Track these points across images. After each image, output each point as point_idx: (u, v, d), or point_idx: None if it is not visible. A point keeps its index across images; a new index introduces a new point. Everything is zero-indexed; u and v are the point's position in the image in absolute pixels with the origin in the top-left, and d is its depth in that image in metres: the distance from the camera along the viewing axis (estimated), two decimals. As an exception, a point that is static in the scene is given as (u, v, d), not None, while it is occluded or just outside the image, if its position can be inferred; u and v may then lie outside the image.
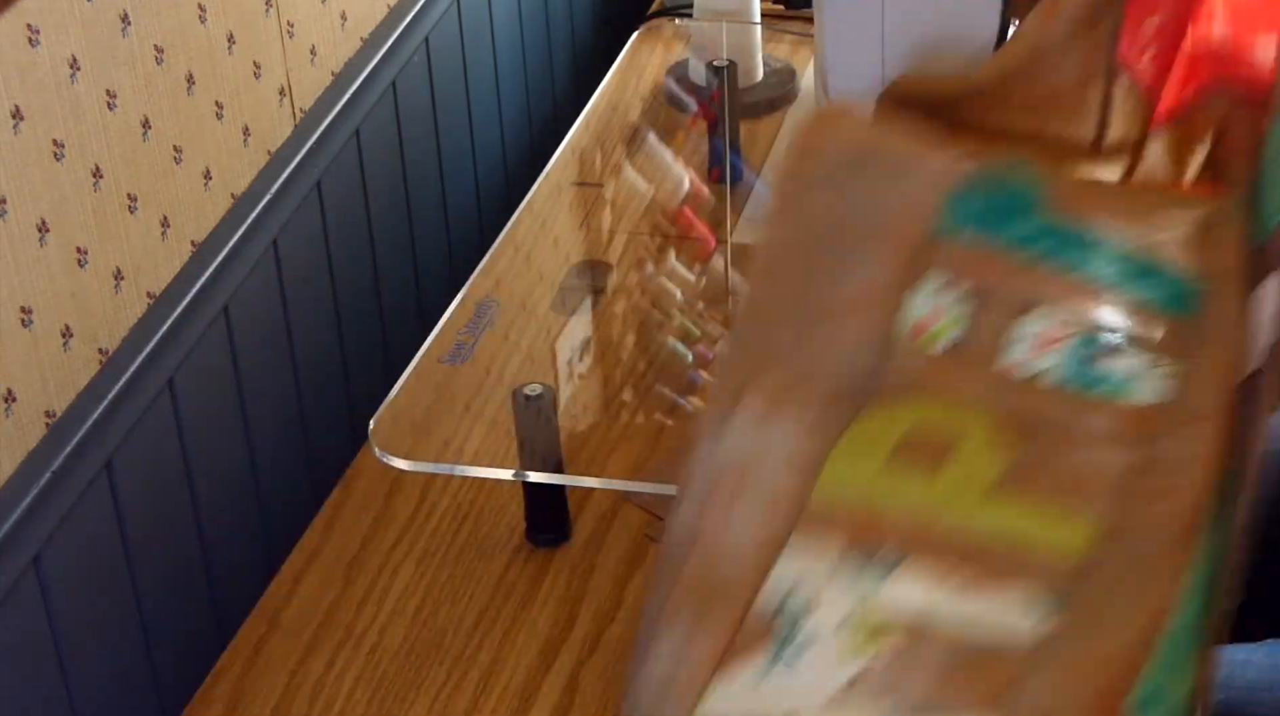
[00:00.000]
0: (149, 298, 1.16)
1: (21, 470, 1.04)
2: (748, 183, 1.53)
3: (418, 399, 1.29)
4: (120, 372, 1.12)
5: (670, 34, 1.81)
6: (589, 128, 1.65)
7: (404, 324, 1.53)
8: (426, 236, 1.58)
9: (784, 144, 1.60)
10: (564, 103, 1.86)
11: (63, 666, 1.08)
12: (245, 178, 1.27)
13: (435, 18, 1.54)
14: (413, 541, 1.26)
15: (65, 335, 1.07)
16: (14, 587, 1.02)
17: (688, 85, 1.66)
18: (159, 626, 1.18)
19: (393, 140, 1.49)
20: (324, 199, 1.37)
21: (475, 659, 1.17)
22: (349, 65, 1.41)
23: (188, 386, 1.19)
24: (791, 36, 1.79)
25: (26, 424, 1.04)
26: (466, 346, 1.35)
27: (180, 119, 1.18)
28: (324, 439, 1.39)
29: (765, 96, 1.66)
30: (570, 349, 1.40)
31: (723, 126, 1.50)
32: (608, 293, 1.46)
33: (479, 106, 1.67)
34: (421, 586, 1.22)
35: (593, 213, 1.55)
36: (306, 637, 1.19)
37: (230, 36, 1.23)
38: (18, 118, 1.00)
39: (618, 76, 1.74)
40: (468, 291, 1.39)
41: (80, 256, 1.08)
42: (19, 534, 1.02)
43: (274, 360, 1.33)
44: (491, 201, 1.71)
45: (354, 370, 1.45)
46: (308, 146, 1.34)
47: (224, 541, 1.26)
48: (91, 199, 1.09)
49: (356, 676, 1.16)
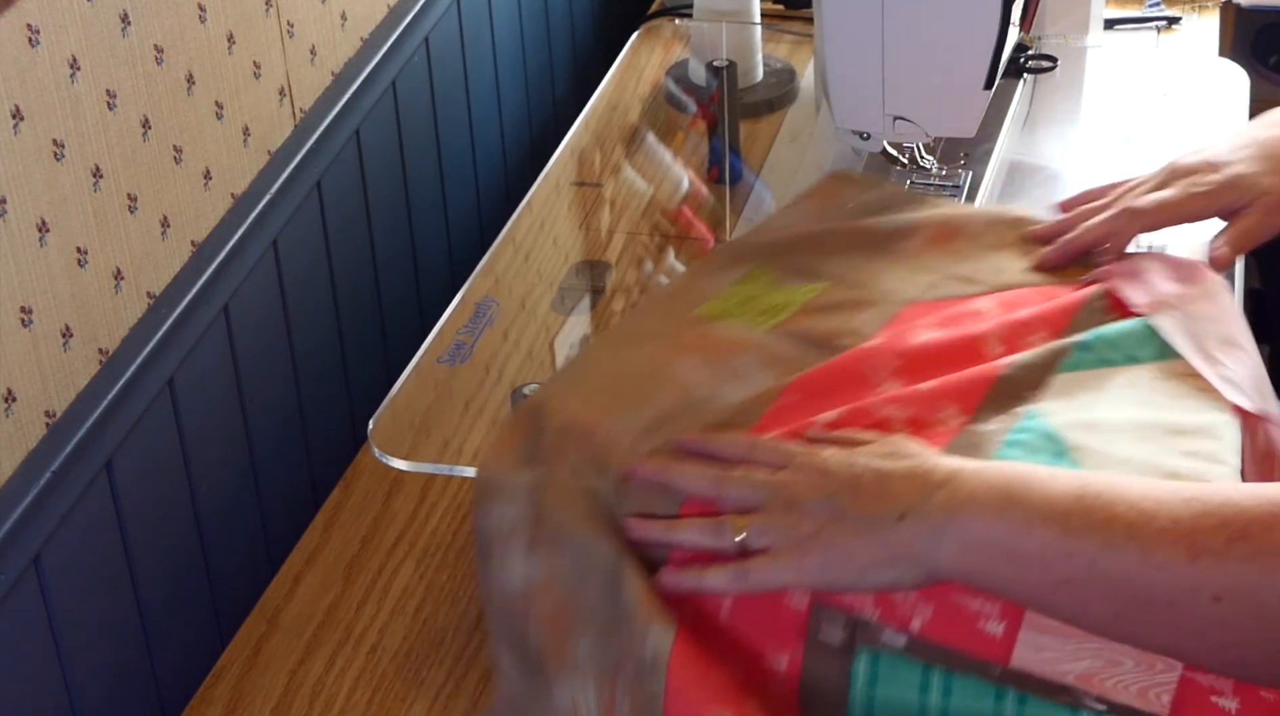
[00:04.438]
0: (149, 298, 1.16)
1: (21, 470, 1.04)
2: (747, 183, 1.53)
3: (417, 399, 1.29)
4: (120, 373, 1.12)
5: (670, 34, 1.82)
6: (589, 128, 1.65)
7: (404, 324, 1.53)
8: (426, 236, 1.58)
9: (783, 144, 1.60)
10: (564, 103, 1.86)
11: (63, 666, 1.08)
12: (245, 178, 1.27)
13: (435, 18, 1.54)
14: (413, 541, 1.26)
15: (65, 335, 1.07)
16: (14, 587, 1.02)
17: (687, 85, 1.66)
18: (159, 626, 1.18)
19: (393, 140, 1.49)
20: (324, 199, 1.37)
21: (475, 659, 1.17)
22: (349, 65, 1.41)
23: (188, 386, 1.19)
24: (791, 36, 1.79)
25: (26, 424, 1.04)
26: (466, 346, 1.35)
27: (180, 119, 1.18)
28: (324, 439, 1.39)
29: (765, 96, 1.66)
30: (570, 349, 1.40)
31: (722, 126, 1.50)
32: (607, 292, 1.46)
33: (479, 106, 1.67)
34: (421, 586, 1.22)
35: (592, 213, 1.55)
36: (306, 637, 1.19)
37: (230, 36, 1.23)
38: (18, 118, 1.00)
39: (618, 76, 1.74)
40: (468, 291, 1.39)
41: (80, 256, 1.08)
42: (19, 534, 1.02)
43: (274, 360, 1.33)
44: (491, 201, 1.71)
45: (354, 370, 1.45)
46: (308, 146, 1.34)
47: (224, 541, 1.26)
48: (91, 199, 1.09)
49: (356, 676, 1.16)
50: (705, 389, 1.08)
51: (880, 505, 0.94)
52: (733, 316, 1.17)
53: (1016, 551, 0.90)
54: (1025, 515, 0.90)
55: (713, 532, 0.98)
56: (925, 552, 0.92)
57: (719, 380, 1.09)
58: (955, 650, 0.94)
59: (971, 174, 1.45)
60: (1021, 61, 1.58)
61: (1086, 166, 1.50)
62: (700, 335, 1.15)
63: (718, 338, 1.14)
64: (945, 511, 0.92)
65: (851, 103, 1.35)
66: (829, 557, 0.95)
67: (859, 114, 1.36)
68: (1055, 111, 1.59)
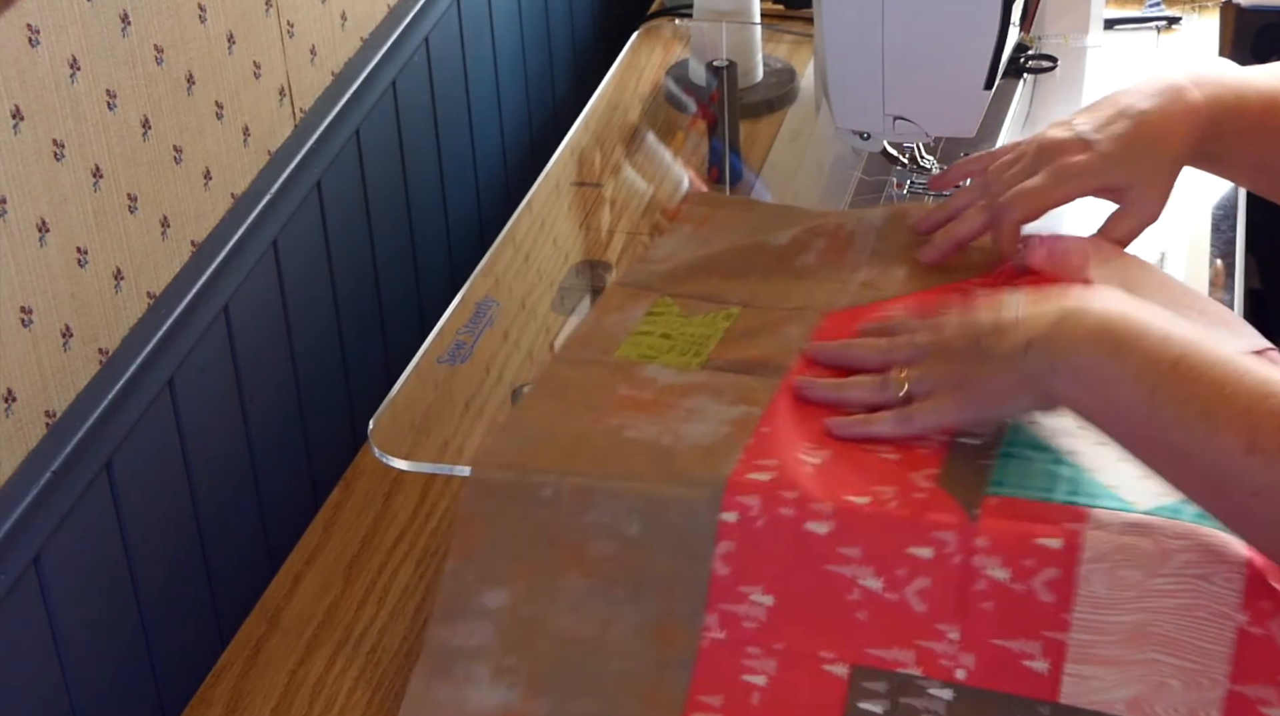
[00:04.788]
0: (149, 298, 1.16)
1: (21, 470, 1.04)
2: (747, 183, 1.53)
3: (417, 399, 1.29)
4: (120, 373, 1.12)
5: (670, 34, 1.81)
6: (589, 128, 1.65)
7: (404, 324, 1.53)
8: (426, 236, 1.58)
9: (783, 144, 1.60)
10: (564, 103, 1.86)
11: (63, 666, 1.08)
12: (245, 178, 1.27)
13: (435, 18, 1.54)
14: (413, 541, 1.26)
15: (65, 335, 1.07)
16: (14, 587, 1.02)
17: (687, 85, 1.66)
18: (159, 626, 1.18)
19: (393, 140, 1.49)
20: (324, 199, 1.37)
21: (475, 659, 1.17)
22: (349, 65, 1.41)
23: (188, 386, 1.19)
24: (791, 36, 1.79)
25: (26, 424, 1.04)
26: (466, 346, 1.35)
27: (180, 119, 1.18)
28: (324, 439, 1.39)
29: (765, 96, 1.66)
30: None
31: (722, 126, 1.50)
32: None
33: (479, 106, 1.67)
34: (421, 586, 1.22)
35: (592, 213, 1.55)
36: (306, 637, 1.19)
37: (230, 36, 1.23)
38: (18, 118, 1.00)
39: (618, 76, 1.74)
40: (468, 291, 1.39)
41: (80, 256, 1.08)
42: (19, 534, 1.02)
43: (274, 360, 1.33)
44: (491, 201, 1.71)
45: (354, 370, 1.45)
46: (308, 146, 1.34)
47: (224, 541, 1.26)
48: (91, 199, 1.09)
49: (356, 676, 1.16)
50: (668, 437, 1.07)
51: (1013, 338, 1.01)
52: (658, 358, 1.16)
53: (1112, 400, 0.96)
54: (1124, 369, 0.96)
55: (879, 387, 1.07)
56: (1047, 381, 0.99)
57: (676, 423, 1.09)
58: (1003, 693, 0.95)
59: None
60: (1021, 61, 1.58)
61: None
62: (635, 388, 1.13)
63: (657, 389, 1.13)
64: (1063, 344, 0.99)
65: (851, 103, 1.35)
66: (977, 394, 1.03)
67: (859, 114, 1.36)
68: (1055, 111, 1.59)
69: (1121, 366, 0.96)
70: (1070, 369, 0.98)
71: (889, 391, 1.07)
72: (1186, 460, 0.93)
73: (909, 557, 0.98)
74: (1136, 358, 0.96)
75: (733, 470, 1.03)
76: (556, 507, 1.05)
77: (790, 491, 1.01)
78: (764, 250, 1.27)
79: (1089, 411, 0.99)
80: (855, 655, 0.98)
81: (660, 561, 1.02)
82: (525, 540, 1.05)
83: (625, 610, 1.02)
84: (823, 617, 0.99)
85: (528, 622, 1.03)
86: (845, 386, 1.09)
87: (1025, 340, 1.00)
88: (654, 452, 1.06)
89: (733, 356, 1.15)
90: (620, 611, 1.02)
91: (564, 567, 1.04)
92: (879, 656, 0.97)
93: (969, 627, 0.97)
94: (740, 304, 1.21)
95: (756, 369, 1.13)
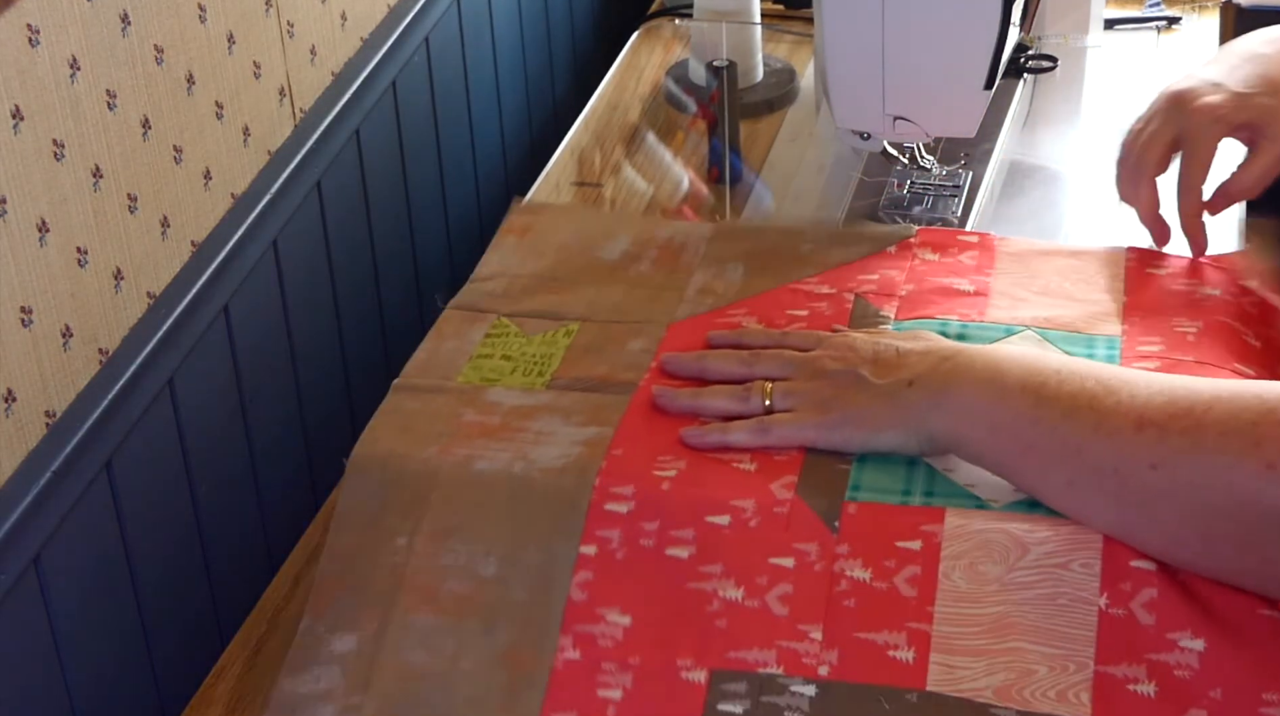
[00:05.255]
0: (149, 298, 1.16)
1: (21, 470, 1.04)
2: (747, 182, 1.53)
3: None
4: (120, 373, 1.12)
5: (670, 34, 1.81)
6: (589, 128, 1.65)
7: (404, 324, 1.53)
8: (426, 236, 1.58)
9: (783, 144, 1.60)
10: (564, 103, 1.86)
11: (62, 666, 1.08)
12: (245, 178, 1.27)
13: (435, 18, 1.54)
14: (413, 541, 1.26)
15: (65, 335, 1.07)
16: (14, 587, 1.02)
17: (687, 85, 1.66)
18: (159, 626, 1.18)
19: (393, 140, 1.49)
20: (324, 199, 1.37)
21: (475, 659, 1.16)
22: (349, 65, 1.41)
23: (188, 386, 1.19)
24: (791, 36, 1.79)
25: (26, 424, 1.04)
26: (466, 346, 1.34)
27: (180, 119, 1.18)
28: (324, 439, 1.39)
29: (765, 96, 1.66)
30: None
31: (722, 126, 1.50)
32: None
33: (479, 106, 1.67)
34: (421, 586, 1.22)
35: (593, 213, 1.55)
36: (306, 637, 1.19)
37: (230, 36, 1.23)
38: (18, 118, 1.00)
39: (618, 76, 1.74)
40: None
41: (80, 256, 1.08)
42: (19, 534, 1.02)
43: (274, 360, 1.33)
44: (491, 201, 1.71)
45: (354, 370, 1.45)
46: (308, 146, 1.34)
47: (224, 541, 1.26)
48: (91, 199, 1.09)
49: (356, 676, 1.16)
50: (519, 465, 1.06)
51: (895, 373, 1.03)
52: (501, 380, 1.15)
53: (994, 419, 0.99)
54: (1006, 386, 0.99)
55: (741, 397, 1.07)
56: (926, 417, 1.01)
57: (526, 447, 1.07)
58: (869, 684, 0.94)
59: (971, 174, 1.45)
60: (1021, 61, 1.58)
61: (1086, 166, 1.50)
62: (481, 413, 1.12)
63: (503, 413, 1.11)
64: (945, 380, 1.00)
65: (851, 103, 1.35)
66: (846, 416, 1.03)
67: (859, 114, 1.36)
68: (1055, 111, 1.59)
69: (1004, 385, 0.99)
70: (953, 405, 1.00)
71: (752, 402, 1.07)
72: (1080, 456, 0.95)
73: (771, 566, 0.99)
74: (1017, 374, 0.99)
75: (589, 502, 1.02)
76: (410, 554, 1.04)
77: (650, 522, 1.01)
78: (598, 262, 1.26)
79: (969, 440, 1.00)
80: (714, 660, 0.97)
81: (516, 595, 1.01)
82: (378, 587, 1.04)
83: (477, 641, 1.00)
84: (682, 629, 0.98)
85: (374, 661, 1.01)
86: (705, 395, 1.09)
87: (908, 377, 1.02)
88: (507, 487, 1.05)
89: (577, 374, 1.14)
90: (472, 643, 1.00)
91: (415, 607, 1.02)
92: (739, 658, 0.96)
93: (832, 625, 0.96)
94: (578, 318, 1.20)
95: (603, 387, 1.12)
